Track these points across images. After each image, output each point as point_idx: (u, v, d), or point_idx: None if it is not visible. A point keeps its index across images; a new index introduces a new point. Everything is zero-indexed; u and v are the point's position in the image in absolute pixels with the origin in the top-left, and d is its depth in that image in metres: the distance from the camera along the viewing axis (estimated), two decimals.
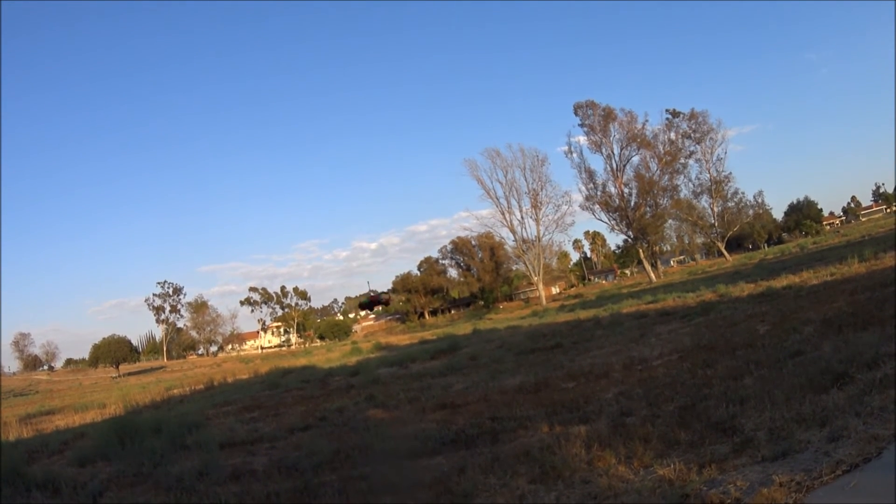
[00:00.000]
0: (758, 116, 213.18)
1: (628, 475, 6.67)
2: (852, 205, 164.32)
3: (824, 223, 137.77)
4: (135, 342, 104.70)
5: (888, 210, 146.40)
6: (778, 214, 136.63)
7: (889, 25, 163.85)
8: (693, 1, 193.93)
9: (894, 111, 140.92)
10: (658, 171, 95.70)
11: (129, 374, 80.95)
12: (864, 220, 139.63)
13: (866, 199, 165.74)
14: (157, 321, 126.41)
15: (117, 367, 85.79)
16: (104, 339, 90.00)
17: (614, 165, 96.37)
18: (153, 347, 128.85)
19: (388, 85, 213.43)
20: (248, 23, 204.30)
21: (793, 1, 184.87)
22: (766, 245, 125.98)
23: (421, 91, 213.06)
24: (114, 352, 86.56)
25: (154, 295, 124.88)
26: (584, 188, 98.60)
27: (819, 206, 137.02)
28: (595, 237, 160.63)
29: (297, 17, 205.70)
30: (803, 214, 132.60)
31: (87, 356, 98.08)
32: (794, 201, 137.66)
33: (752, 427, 7.37)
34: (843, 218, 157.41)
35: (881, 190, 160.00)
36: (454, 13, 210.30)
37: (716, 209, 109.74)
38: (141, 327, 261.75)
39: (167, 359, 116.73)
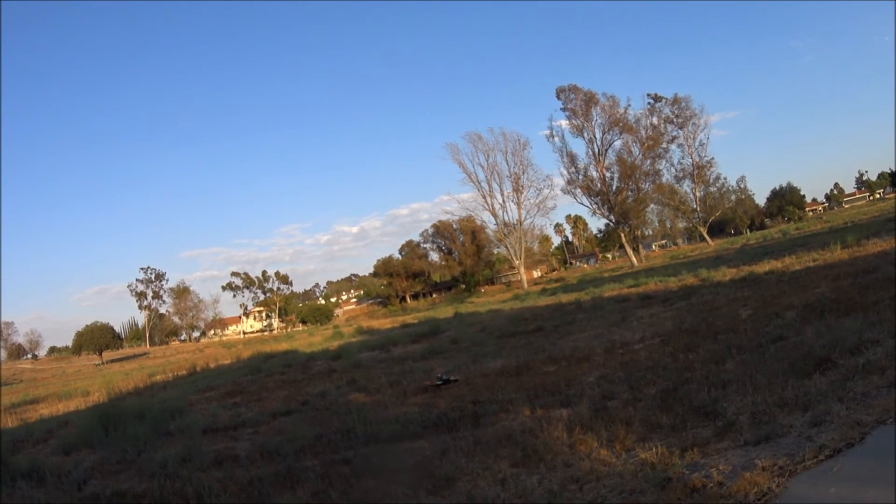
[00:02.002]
0: (741, 102, 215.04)
1: (610, 458, 6.74)
2: (835, 192, 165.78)
3: (807, 209, 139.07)
4: (118, 329, 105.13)
5: (871, 197, 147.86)
6: (760, 200, 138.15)
7: (875, 15, 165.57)
8: None
9: (894, 98, 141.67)
10: (640, 156, 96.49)
11: (113, 360, 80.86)
12: (846, 206, 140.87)
13: (849, 187, 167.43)
14: (140, 307, 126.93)
15: (100, 355, 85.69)
16: (87, 326, 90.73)
17: (596, 150, 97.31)
18: (136, 334, 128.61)
19: (370, 69, 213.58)
20: (222, 8, 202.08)
21: None
22: (748, 230, 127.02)
23: (403, 75, 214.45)
24: (97, 339, 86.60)
25: (137, 281, 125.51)
26: (565, 172, 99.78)
27: (802, 193, 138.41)
28: (577, 221, 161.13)
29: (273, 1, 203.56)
30: (786, 200, 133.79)
31: (70, 344, 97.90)
32: (777, 187, 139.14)
33: (735, 411, 7.47)
34: (826, 204, 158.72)
35: (864, 177, 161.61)
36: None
37: (698, 194, 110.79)
38: (124, 314, 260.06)
39: (150, 345, 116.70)
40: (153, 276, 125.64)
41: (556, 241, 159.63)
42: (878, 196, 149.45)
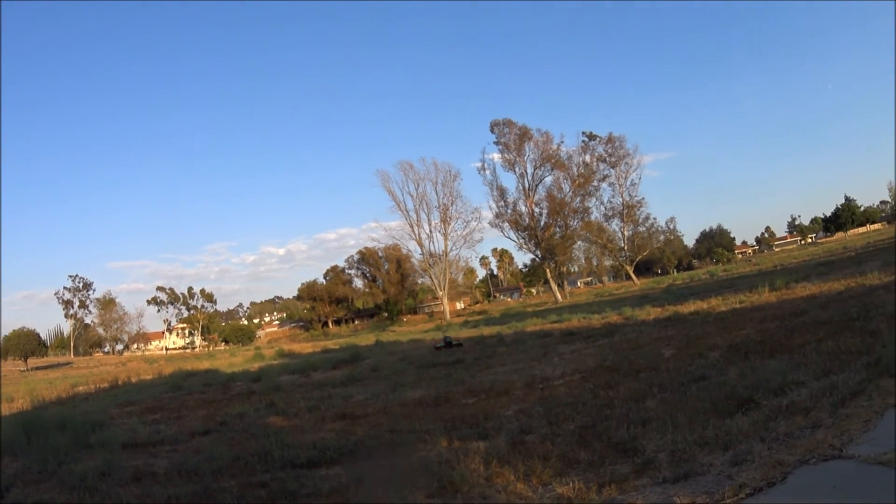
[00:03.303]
0: (677, 143, 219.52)
1: (527, 492, 6.72)
2: (766, 235, 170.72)
3: (736, 252, 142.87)
4: (43, 336, 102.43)
5: (803, 241, 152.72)
6: (690, 241, 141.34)
7: (821, 64, 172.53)
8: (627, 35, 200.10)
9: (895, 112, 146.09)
10: (570, 193, 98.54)
11: (37, 368, 78.14)
12: (777, 250, 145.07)
13: (781, 230, 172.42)
14: (66, 316, 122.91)
15: (26, 361, 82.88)
16: (14, 331, 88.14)
17: (527, 184, 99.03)
18: (61, 342, 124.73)
19: (303, 100, 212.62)
20: (157, 30, 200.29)
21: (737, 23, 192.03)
22: (675, 270, 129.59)
23: (335, 104, 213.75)
24: (23, 345, 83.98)
25: (64, 288, 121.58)
26: (494, 205, 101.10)
27: (732, 235, 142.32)
28: (503, 255, 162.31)
29: (200, 32, 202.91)
30: (715, 242, 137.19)
31: None
32: (707, 229, 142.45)
33: (654, 448, 7.52)
34: (756, 247, 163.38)
35: (797, 221, 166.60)
36: (376, 32, 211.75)
37: (626, 233, 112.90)
38: (50, 321, 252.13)
39: (74, 355, 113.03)
40: (80, 285, 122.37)
41: (482, 273, 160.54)
42: (809, 240, 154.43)
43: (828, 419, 7.28)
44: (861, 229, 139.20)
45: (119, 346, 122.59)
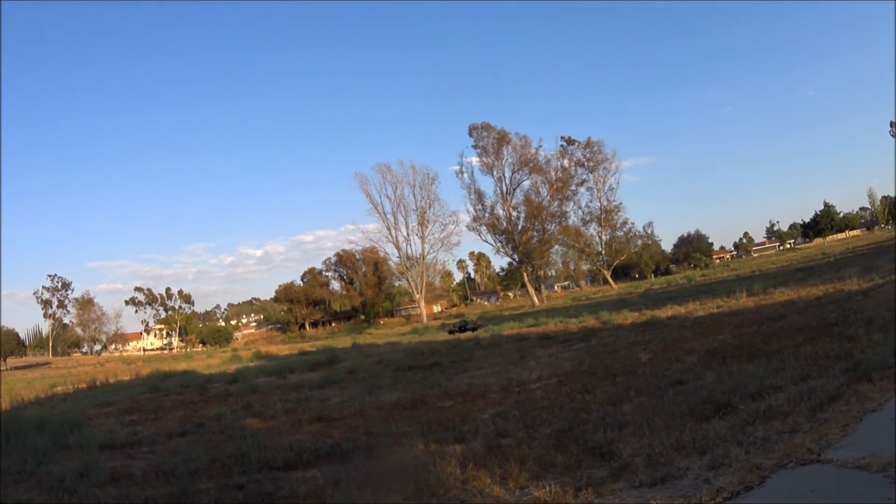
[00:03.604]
0: (656, 149, 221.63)
1: (503, 495, 6.69)
2: (744, 240, 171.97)
3: (714, 257, 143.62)
4: (22, 335, 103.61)
5: (781, 247, 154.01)
6: (668, 246, 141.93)
7: (801, 69, 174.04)
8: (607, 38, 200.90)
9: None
10: (548, 197, 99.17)
11: (16, 367, 77.77)
12: (755, 255, 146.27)
13: (760, 236, 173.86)
14: (45, 315, 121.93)
15: (5, 360, 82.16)
16: None
17: (504, 188, 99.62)
18: (39, 342, 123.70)
19: (284, 101, 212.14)
20: (131, 28, 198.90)
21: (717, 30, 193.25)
22: (653, 275, 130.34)
23: (316, 105, 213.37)
24: (2, 345, 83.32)
25: (43, 288, 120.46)
26: (472, 209, 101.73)
27: (710, 240, 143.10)
28: (480, 258, 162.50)
29: (180, 31, 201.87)
30: (693, 247, 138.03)
31: None
32: (685, 234, 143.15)
33: (631, 452, 7.50)
34: (734, 253, 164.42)
35: (775, 227, 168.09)
36: (354, 32, 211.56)
37: (604, 237, 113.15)
38: (29, 320, 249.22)
39: (52, 355, 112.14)
40: (59, 285, 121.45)
41: (459, 276, 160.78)
42: (788, 246, 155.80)
43: (806, 424, 7.29)
44: (840, 235, 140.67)
45: (97, 347, 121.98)
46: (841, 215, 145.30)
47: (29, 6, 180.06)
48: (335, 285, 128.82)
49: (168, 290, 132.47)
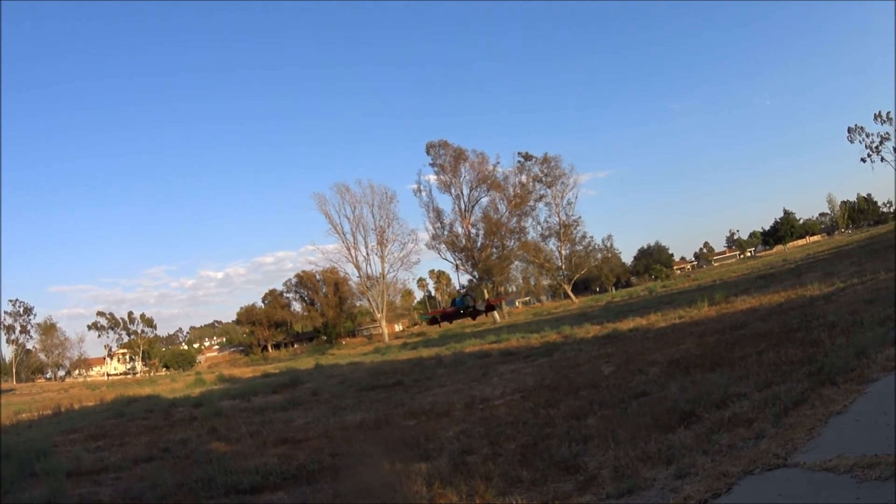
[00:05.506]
0: (614, 162, 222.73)
1: None
2: (705, 250, 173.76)
3: (675, 268, 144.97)
4: None
5: (741, 255, 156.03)
6: (628, 259, 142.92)
7: (758, 79, 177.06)
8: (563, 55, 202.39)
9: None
10: (507, 213, 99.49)
11: None
12: (716, 265, 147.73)
13: (720, 245, 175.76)
14: (8, 341, 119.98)
15: None
16: None
17: (463, 206, 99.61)
18: (2, 368, 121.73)
19: (241, 122, 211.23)
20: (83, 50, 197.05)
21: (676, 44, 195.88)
22: (613, 288, 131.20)
23: (271, 125, 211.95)
24: None
25: (5, 313, 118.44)
26: (431, 227, 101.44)
27: (670, 251, 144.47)
28: (440, 276, 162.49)
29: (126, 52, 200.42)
30: (653, 259, 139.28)
31: None
32: (645, 246, 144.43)
33: (596, 465, 7.57)
34: (695, 263, 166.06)
35: (735, 236, 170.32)
36: (309, 52, 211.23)
37: (563, 252, 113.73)
38: None
39: (16, 381, 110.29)
40: (21, 310, 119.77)
41: (419, 295, 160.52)
42: (749, 254, 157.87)
43: (771, 429, 7.40)
44: (800, 241, 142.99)
45: (61, 372, 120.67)
46: (801, 222, 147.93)
47: None
48: (296, 306, 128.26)
49: (130, 314, 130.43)
